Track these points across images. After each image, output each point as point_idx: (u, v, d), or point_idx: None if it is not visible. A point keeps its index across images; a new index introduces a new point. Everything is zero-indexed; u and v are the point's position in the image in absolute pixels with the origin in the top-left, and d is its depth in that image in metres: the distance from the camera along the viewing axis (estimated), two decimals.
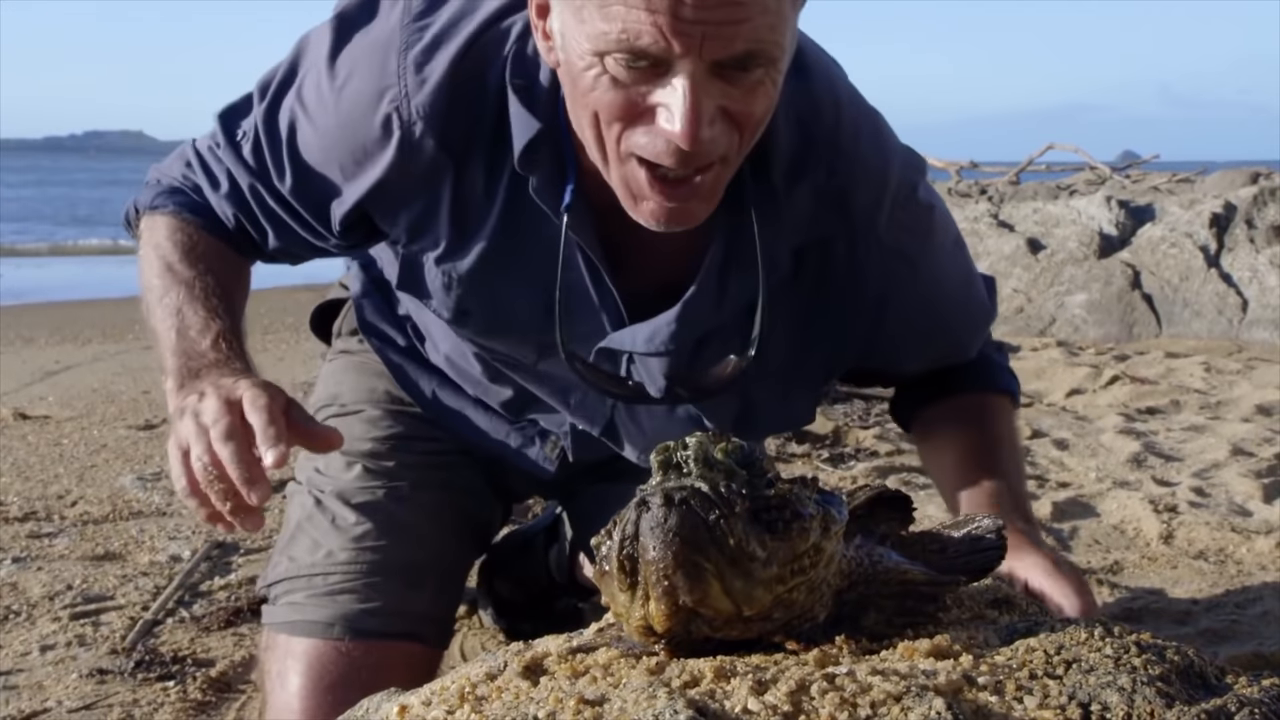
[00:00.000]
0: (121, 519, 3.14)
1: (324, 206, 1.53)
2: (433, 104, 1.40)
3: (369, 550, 1.66)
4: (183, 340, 1.47)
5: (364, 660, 1.60)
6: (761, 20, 1.17)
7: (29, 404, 4.67)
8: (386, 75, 1.41)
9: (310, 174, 1.51)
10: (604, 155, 1.29)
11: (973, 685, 0.81)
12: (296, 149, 1.51)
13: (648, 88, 1.21)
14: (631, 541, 0.85)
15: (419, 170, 1.45)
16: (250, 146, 1.55)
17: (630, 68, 1.19)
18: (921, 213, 1.56)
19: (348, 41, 1.47)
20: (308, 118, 1.49)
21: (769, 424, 1.76)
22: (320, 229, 1.56)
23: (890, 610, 0.97)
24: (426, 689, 0.95)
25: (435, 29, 1.42)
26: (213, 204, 1.59)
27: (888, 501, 1.15)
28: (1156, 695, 0.80)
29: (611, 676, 0.87)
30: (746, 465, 0.88)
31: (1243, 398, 4.64)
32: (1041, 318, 6.73)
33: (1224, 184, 7.52)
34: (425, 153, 1.43)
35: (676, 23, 1.14)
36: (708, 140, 1.22)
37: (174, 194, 1.62)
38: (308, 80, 1.50)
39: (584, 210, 1.43)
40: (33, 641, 2.29)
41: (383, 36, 1.44)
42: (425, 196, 1.48)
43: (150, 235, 1.60)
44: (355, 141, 1.45)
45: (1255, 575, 2.62)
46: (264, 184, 1.55)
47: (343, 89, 1.45)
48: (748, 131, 1.27)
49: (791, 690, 0.79)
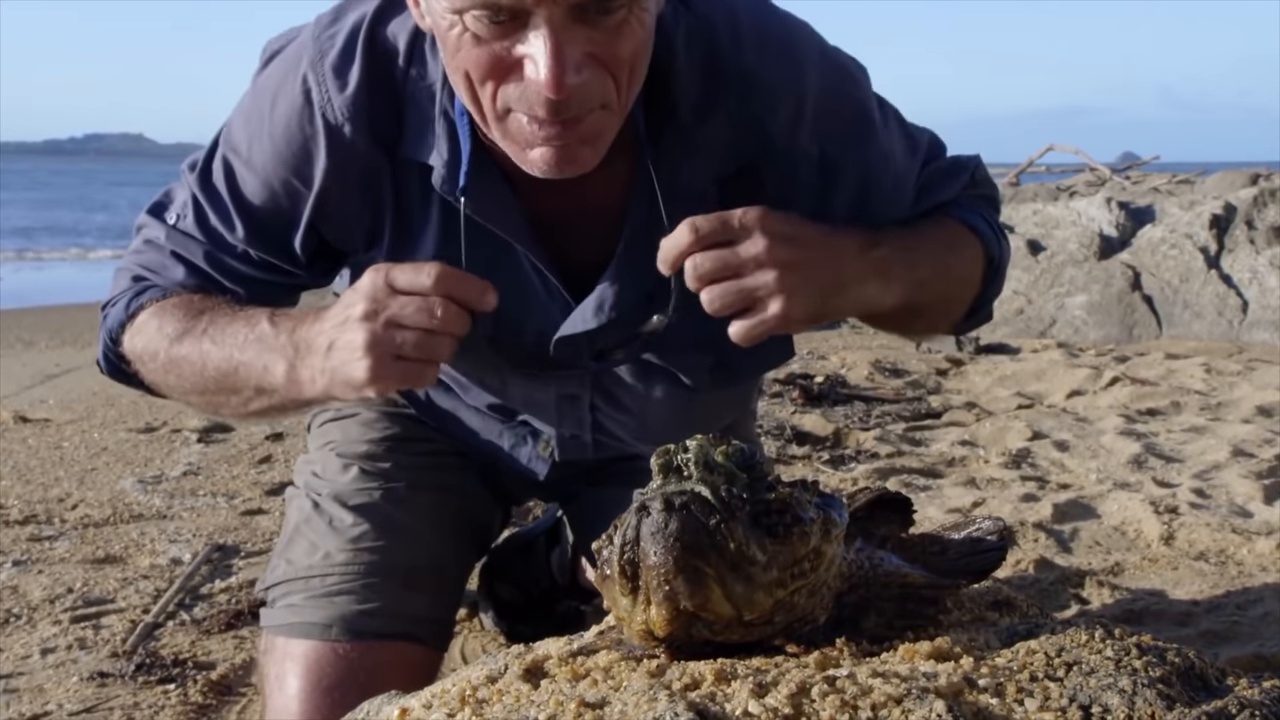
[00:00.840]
0: (122, 522, 3.14)
1: (284, 243, 1.53)
2: (355, 102, 1.41)
3: (366, 551, 1.66)
4: (254, 344, 1.41)
5: (362, 662, 1.60)
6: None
7: (29, 407, 4.67)
8: (307, 86, 1.43)
9: (258, 213, 1.51)
10: (483, 115, 1.29)
11: (973, 687, 0.81)
12: (240, 194, 1.51)
13: (510, 41, 1.20)
14: (632, 546, 0.85)
15: (357, 174, 1.46)
16: (192, 218, 1.53)
17: (490, 23, 1.19)
18: (851, 120, 1.50)
19: (267, 68, 1.50)
20: (240, 158, 1.50)
21: (747, 368, 1.69)
22: (288, 268, 1.55)
23: (890, 613, 0.97)
24: (427, 692, 0.95)
25: (345, 33, 1.43)
26: (205, 268, 1.55)
27: (888, 504, 1.15)
28: (1157, 697, 0.80)
29: (612, 679, 0.87)
30: (747, 468, 0.88)
31: (1243, 399, 4.64)
32: (1042, 319, 6.73)
33: (1224, 185, 7.52)
34: (358, 152, 1.44)
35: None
36: (576, 85, 1.21)
37: (136, 296, 1.55)
38: (235, 123, 1.51)
39: (494, 191, 1.43)
40: (33, 645, 2.29)
41: (297, 52, 1.46)
42: (370, 203, 1.49)
43: (142, 336, 1.53)
44: (290, 157, 1.46)
45: (1256, 576, 2.62)
46: (219, 246, 1.53)
47: (270, 111, 1.46)
48: (622, 74, 1.25)
49: (792, 693, 0.79)
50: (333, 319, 1.31)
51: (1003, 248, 1.63)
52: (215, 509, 3.27)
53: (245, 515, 3.20)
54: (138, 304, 1.53)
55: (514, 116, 1.27)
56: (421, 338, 1.25)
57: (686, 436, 0.90)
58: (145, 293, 1.54)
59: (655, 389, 1.64)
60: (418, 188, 1.47)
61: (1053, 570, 2.65)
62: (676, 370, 1.61)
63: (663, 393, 1.63)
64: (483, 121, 1.31)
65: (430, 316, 1.24)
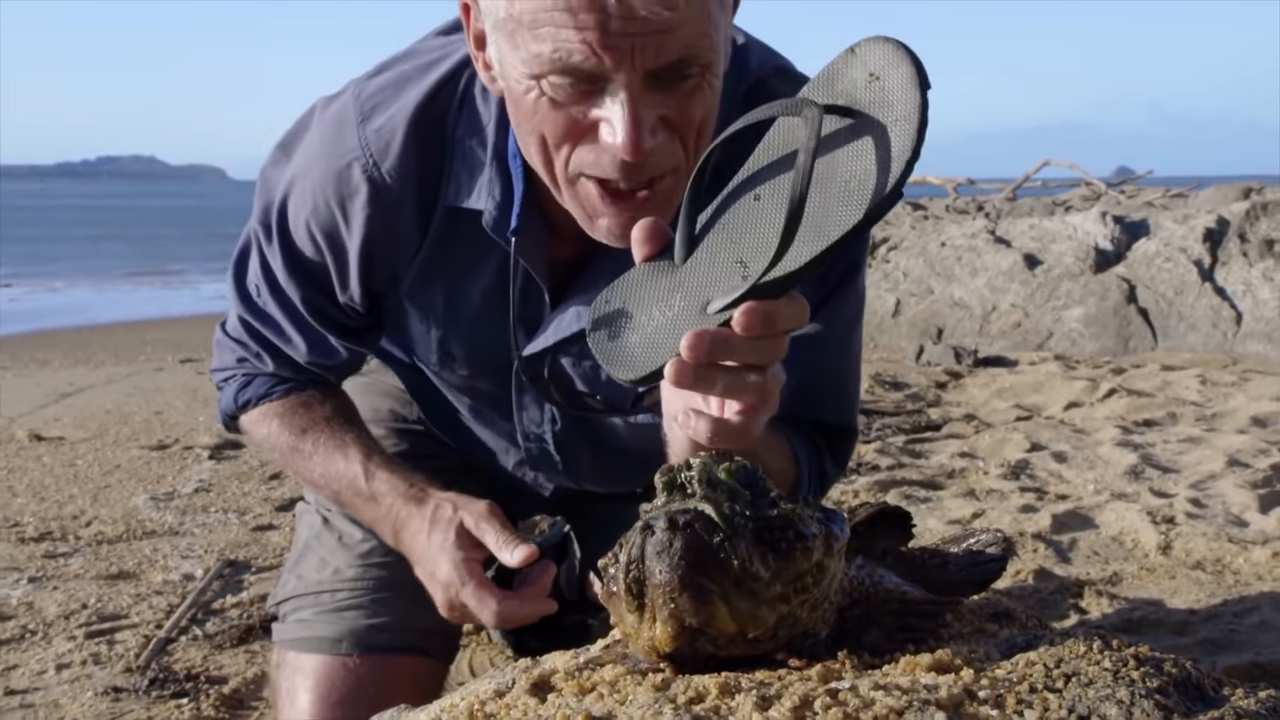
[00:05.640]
0: (135, 538, 3.15)
1: (340, 295, 1.55)
2: (402, 165, 1.43)
3: (375, 567, 1.66)
4: (355, 495, 1.56)
5: (371, 675, 1.60)
6: (690, 26, 1.16)
7: (44, 426, 4.68)
8: (350, 147, 1.44)
9: (313, 271, 1.53)
10: (554, 179, 1.29)
11: (974, 699, 0.81)
12: (294, 257, 1.52)
13: (587, 105, 1.20)
14: (638, 565, 0.85)
15: (395, 221, 1.47)
16: (267, 291, 1.57)
17: (568, 87, 1.19)
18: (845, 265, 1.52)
19: (302, 141, 1.51)
20: (288, 227, 1.51)
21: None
22: (351, 327, 1.59)
23: (891, 627, 0.97)
24: (436, 706, 0.95)
25: (386, 97, 1.45)
26: (286, 355, 1.61)
27: (888, 518, 1.15)
28: (1155, 708, 0.80)
29: (618, 693, 0.87)
30: (749, 485, 0.88)
31: (1238, 410, 4.63)
32: (1039, 332, 6.73)
33: (1217, 199, 7.53)
34: (400, 203, 1.45)
35: (606, 37, 1.13)
36: (651, 150, 1.21)
37: (245, 387, 1.64)
38: (276, 190, 1.52)
39: (535, 233, 1.44)
40: (49, 660, 2.29)
41: (338, 114, 1.47)
42: (401, 245, 1.49)
43: (256, 433, 1.65)
44: (331, 216, 1.47)
45: (1252, 585, 2.62)
46: (292, 318, 1.57)
47: (313, 171, 1.47)
48: (691, 137, 1.26)
49: (795, 705, 0.79)
50: (419, 562, 1.50)
51: (811, 488, 1.57)
52: (227, 525, 3.27)
53: (256, 531, 3.20)
54: (244, 399, 1.64)
55: (583, 183, 1.27)
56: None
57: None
58: (248, 387, 1.64)
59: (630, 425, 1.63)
60: (447, 227, 1.47)
61: (1051, 580, 2.65)
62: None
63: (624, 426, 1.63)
64: (552, 184, 1.30)
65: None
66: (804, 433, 1.54)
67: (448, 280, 1.51)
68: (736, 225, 1.01)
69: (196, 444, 4.28)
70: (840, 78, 0.98)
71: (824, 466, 1.56)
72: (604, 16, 1.12)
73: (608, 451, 1.67)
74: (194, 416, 4.88)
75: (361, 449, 1.56)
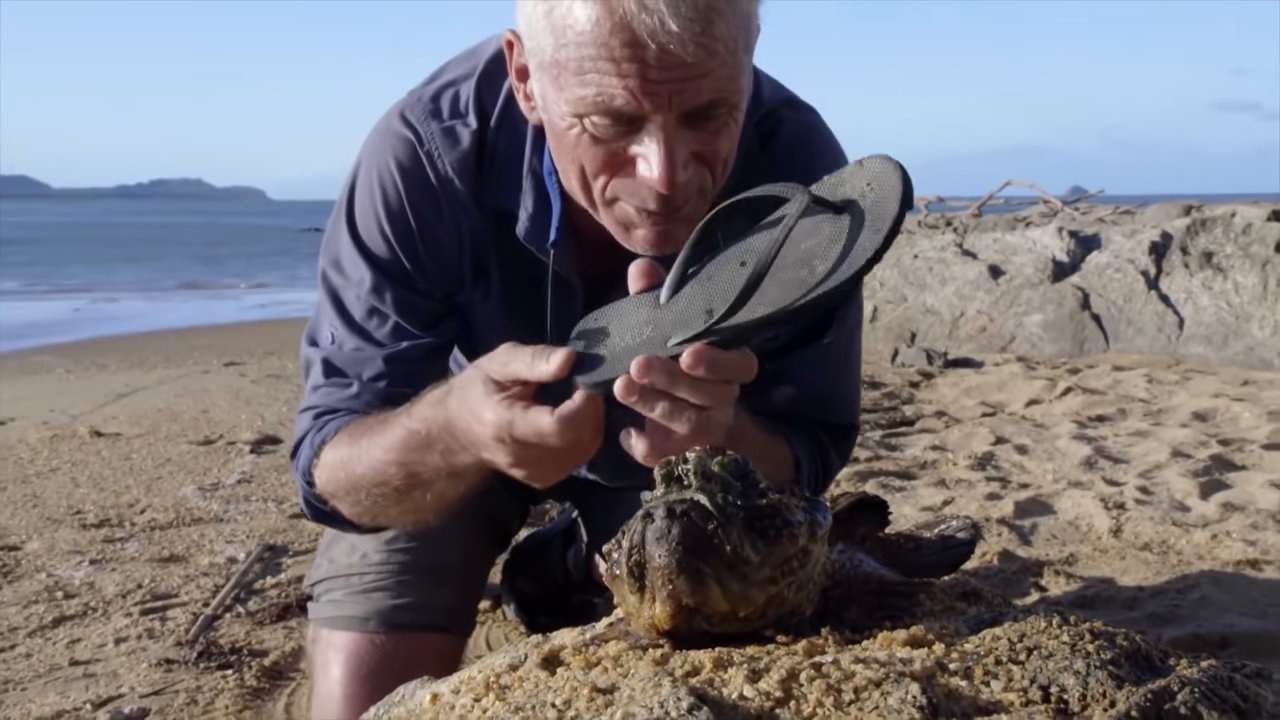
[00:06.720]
0: (184, 525, 3.14)
1: (421, 297, 1.48)
2: (464, 159, 1.42)
3: (399, 551, 1.66)
4: (409, 444, 1.31)
5: (397, 651, 1.59)
6: (721, 72, 1.16)
7: (103, 423, 4.67)
8: (412, 140, 1.42)
9: (393, 275, 1.46)
10: (591, 201, 1.28)
11: (945, 671, 0.80)
12: (376, 265, 1.45)
13: (626, 141, 1.20)
14: (639, 549, 0.85)
15: (456, 222, 1.45)
16: (342, 327, 1.47)
17: (608, 126, 1.19)
18: None
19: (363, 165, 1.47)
20: (360, 239, 1.45)
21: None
22: (431, 337, 1.49)
23: (870, 605, 0.97)
24: (455, 678, 0.94)
25: (450, 95, 1.44)
26: (365, 380, 1.47)
27: (867, 506, 1.14)
28: (1108, 677, 0.80)
29: (621, 667, 0.86)
30: (741, 477, 0.88)
31: (1181, 406, 4.62)
32: (1002, 336, 6.72)
33: (1161, 216, 7.52)
34: (462, 203, 1.43)
35: (646, 84, 1.13)
36: (683, 183, 1.21)
37: (318, 432, 1.46)
38: (357, 206, 1.46)
39: (567, 245, 1.42)
40: (108, 634, 2.29)
41: (395, 117, 1.45)
42: (457, 248, 1.47)
43: (327, 470, 1.43)
44: (405, 218, 1.44)
45: (1194, 564, 2.61)
46: (369, 340, 1.47)
47: (380, 175, 1.44)
48: (718, 167, 1.26)
49: (783, 678, 0.79)
50: (467, 441, 1.23)
51: (814, 481, 1.55)
52: (266, 513, 3.27)
53: (293, 519, 3.19)
54: (320, 439, 1.44)
55: (620, 204, 1.26)
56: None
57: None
58: (325, 427, 1.45)
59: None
60: (492, 233, 1.46)
61: (1015, 561, 2.64)
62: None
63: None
64: (589, 205, 1.29)
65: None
66: (810, 431, 1.55)
67: (490, 281, 1.50)
68: (715, 280, 1.06)
69: (239, 439, 4.28)
70: (845, 182, 1.04)
71: (828, 461, 1.58)
72: (644, 66, 1.13)
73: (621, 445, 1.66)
74: (237, 415, 4.87)
75: (400, 411, 1.36)
